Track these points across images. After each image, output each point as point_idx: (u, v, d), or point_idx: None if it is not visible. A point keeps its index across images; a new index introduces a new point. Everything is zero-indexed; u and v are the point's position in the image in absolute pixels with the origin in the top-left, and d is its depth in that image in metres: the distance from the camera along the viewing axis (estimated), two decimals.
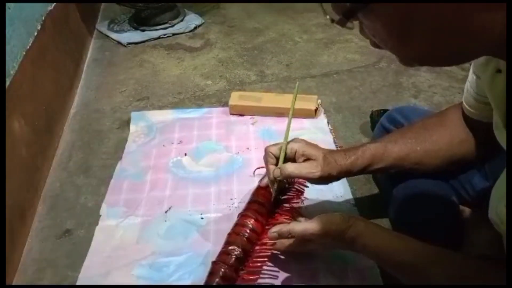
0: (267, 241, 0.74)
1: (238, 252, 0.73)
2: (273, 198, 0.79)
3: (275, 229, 0.71)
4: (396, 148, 0.75)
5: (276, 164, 0.76)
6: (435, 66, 0.47)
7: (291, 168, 0.73)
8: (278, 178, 0.75)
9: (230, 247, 0.73)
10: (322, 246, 0.73)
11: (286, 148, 0.75)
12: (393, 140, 0.76)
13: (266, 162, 0.78)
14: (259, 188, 0.82)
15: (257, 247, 0.75)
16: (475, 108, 0.67)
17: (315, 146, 0.78)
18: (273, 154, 0.77)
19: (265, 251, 0.75)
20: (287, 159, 0.76)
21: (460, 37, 0.40)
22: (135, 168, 1.06)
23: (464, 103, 0.70)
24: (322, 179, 0.74)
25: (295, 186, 0.84)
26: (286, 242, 0.74)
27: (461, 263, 0.57)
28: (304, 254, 0.79)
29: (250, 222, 0.76)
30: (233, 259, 0.72)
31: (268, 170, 0.77)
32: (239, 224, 0.76)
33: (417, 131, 0.76)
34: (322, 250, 0.76)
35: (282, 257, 0.80)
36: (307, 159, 0.75)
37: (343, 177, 0.77)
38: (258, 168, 0.96)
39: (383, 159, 0.75)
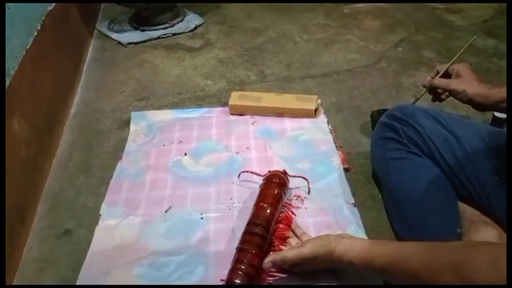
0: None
1: None
2: (417, 99, 1.01)
3: (268, 259, 0.73)
4: None
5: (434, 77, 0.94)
6: None
7: (438, 80, 0.92)
8: (425, 85, 0.95)
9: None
10: (315, 266, 0.75)
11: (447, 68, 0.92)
12: None
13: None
14: (258, 208, 0.83)
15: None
16: None
17: (472, 74, 0.89)
18: (437, 69, 0.94)
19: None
20: (447, 76, 0.93)
21: None
22: (135, 168, 1.06)
23: None
24: (464, 93, 0.86)
25: (285, 214, 0.86)
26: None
27: (442, 248, 0.58)
28: None
29: (252, 259, 0.74)
30: None
31: (426, 80, 0.96)
32: (238, 261, 0.75)
33: None
34: (315, 269, 0.77)
35: None
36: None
37: (479, 99, 0.85)
38: (245, 171, 0.98)
39: None
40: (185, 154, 1.09)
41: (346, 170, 1.02)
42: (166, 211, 0.94)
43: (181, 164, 1.06)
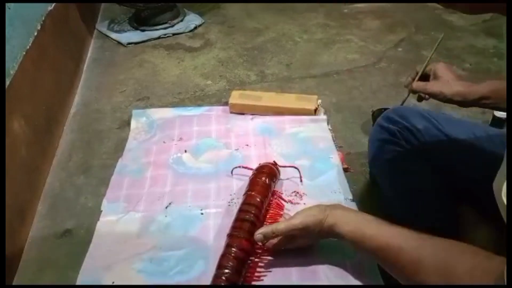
0: (258, 256, 0.78)
1: (231, 274, 0.72)
2: (404, 100, 0.96)
3: (260, 231, 0.74)
4: None
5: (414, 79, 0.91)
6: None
7: (416, 84, 0.88)
8: (406, 86, 0.91)
9: (224, 270, 0.73)
10: (307, 239, 0.75)
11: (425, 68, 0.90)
12: None
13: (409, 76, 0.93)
14: (248, 196, 0.84)
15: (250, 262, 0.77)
16: None
17: (449, 73, 0.86)
18: (417, 70, 0.91)
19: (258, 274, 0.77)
20: (423, 77, 0.90)
21: None
22: (136, 165, 1.06)
23: None
24: (442, 95, 0.83)
25: (276, 201, 0.88)
26: (274, 241, 0.76)
27: (433, 247, 0.58)
28: (302, 250, 0.80)
29: (241, 243, 0.76)
30: (226, 281, 0.72)
31: (407, 81, 0.93)
32: (230, 245, 0.76)
33: None
34: (309, 243, 0.78)
35: (280, 253, 0.80)
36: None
37: (458, 98, 0.83)
38: (237, 167, 0.99)
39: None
40: (185, 151, 1.09)
41: (345, 170, 1.02)
42: (166, 207, 0.94)
43: (181, 160, 1.07)
